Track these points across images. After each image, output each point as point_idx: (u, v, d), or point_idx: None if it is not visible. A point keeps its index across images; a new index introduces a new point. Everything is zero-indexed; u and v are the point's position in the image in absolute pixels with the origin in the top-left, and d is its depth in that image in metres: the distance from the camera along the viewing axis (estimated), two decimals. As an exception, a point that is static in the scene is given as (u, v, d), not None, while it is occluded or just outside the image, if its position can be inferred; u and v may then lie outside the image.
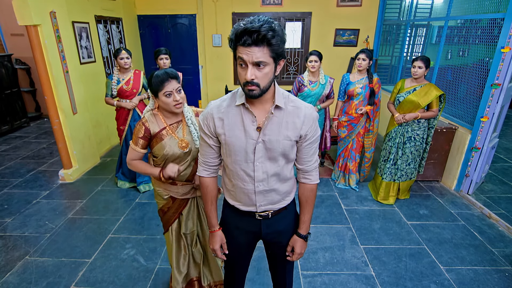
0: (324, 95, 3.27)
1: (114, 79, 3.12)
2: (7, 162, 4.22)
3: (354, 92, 3.21)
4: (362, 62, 3.16)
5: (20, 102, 5.62)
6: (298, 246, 1.39)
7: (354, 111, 3.28)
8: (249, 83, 1.06)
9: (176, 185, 1.73)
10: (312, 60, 3.17)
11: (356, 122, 3.34)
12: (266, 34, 0.99)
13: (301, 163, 1.31)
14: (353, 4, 5.36)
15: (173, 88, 1.52)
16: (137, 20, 5.70)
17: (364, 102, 3.25)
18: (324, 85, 3.25)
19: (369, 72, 3.21)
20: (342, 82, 3.32)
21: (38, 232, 2.79)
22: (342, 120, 3.39)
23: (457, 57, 3.63)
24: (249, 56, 1.02)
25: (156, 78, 1.51)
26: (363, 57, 3.11)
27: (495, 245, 2.64)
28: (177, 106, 1.56)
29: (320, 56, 3.19)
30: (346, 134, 3.43)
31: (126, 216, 3.04)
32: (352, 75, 3.30)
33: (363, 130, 3.38)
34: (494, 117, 3.04)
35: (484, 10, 3.16)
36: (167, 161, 1.66)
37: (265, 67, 1.05)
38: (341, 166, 3.61)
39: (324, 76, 3.31)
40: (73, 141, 3.71)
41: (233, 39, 1.03)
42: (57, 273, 2.32)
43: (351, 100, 3.28)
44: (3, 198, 3.34)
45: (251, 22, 1.00)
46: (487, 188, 3.54)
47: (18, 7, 3.00)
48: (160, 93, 1.52)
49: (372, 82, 3.17)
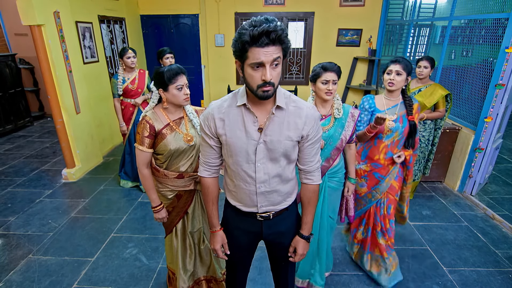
0: (344, 138, 1.83)
1: (119, 79, 3.13)
2: (11, 161, 4.25)
3: (385, 127, 1.98)
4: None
5: (23, 101, 5.66)
6: (301, 247, 1.38)
7: (383, 156, 2.05)
8: (266, 84, 1.05)
9: (184, 178, 1.73)
10: (328, 80, 1.71)
11: (384, 172, 2.07)
12: (282, 33, 1.00)
13: (303, 164, 1.30)
14: (356, 4, 5.34)
15: (184, 82, 1.60)
16: (140, 20, 5.71)
17: (400, 143, 2.04)
18: (343, 122, 1.84)
19: (405, 96, 2.00)
20: (363, 108, 2.07)
21: (41, 231, 2.81)
22: (361, 168, 2.15)
23: (461, 57, 3.61)
24: (267, 56, 1.02)
25: (170, 71, 1.56)
26: (397, 68, 1.92)
27: (498, 247, 2.62)
28: (186, 99, 1.63)
29: (340, 73, 1.78)
30: (366, 190, 2.16)
31: (129, 216, 3.05)
32: (378, 98, 2.07)
33: (398, 183, 2.11)
34: (498, 118, 3.02)
35: (488, 10, 3.14)
36: (171, 158, 1.68)
37: (278, 66, 1.07)
38: (359, 239, 2.35)
39: (343, 106, 1.87)
40: (76, 141, 3.73)
41: (249, 41, 1.00)
42: (60, 272, 2.33)
43: (378, 139, 2.05)
44: (6, 196, 3.37)
45: (264, 23, 0.99)
46: (491, 189, 3.52)
47: (22, 7, 3.02)
48: (171, 86, 1.57)
49: (412, 111, 1.97)
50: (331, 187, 1.91)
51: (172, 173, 1.71)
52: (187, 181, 1.75)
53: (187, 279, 1.92)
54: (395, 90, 1.98)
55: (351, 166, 2.00)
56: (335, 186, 1.92)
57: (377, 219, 2.16)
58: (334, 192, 1.94)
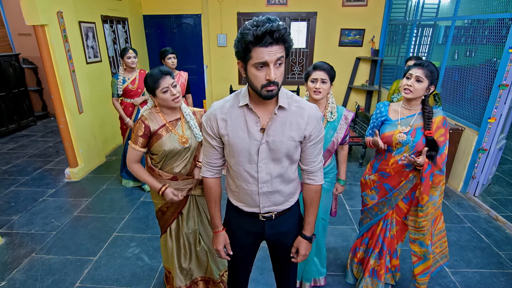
0: (336, 141, 1.82)
1: (120, 79, 3.14)
2: (14, 160, 4.28)
3: (393, 139, 1.75)
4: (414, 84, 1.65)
5: (27, 101, 5.69)
6: (303, 247, 1.38)
7: (392, 166, 1.83)
8: (271, 84, 1.06)
9: (177, 180, 1.74)
10: (316, 78, 1.69)
11: (394, 183, 1.85)
12: (285, 33, 1.01)
13: (305, 164, 1.30)
14: (358, 4, 5.33)
15: (169, 83, 1.58)
16: (142, 20, 5.73)
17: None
18: (335, 124, 1.82)
19: (426, 106, 1.71)
20: (375, 116, 1.88)
21: (44, 229, 2.82)
22: (370, 179, 1.95)
23: (464, 58, 3.59)
24: (271, 56, 1.02)
25: (151, 77, 1.57)
26: (418, 74, 1.63)
27: (502, 248, 2.60)
28: (175, 100, 1.61)
29: (332, 73, 1.72)
30: (376, 201, 1.95)
31: (131, 215, 3.06)
32: (395, 106, 1.84)
33: (406, 206, 1.88)
34: (501, 118, 3.01)
35: (492, 10, 3.12)
36: (166, 158, 1.69)
37: (281, 65, 1.07)
38: (359, 257, 2.17)
39: (337, 107, 1.84)
40: (79, 140, 3.75)
41: (252, 41, 1.00)
42: (62, 271, 2.35)
43: (388, 152, 1.82)
44: (10, 195, 3.39)
45: (267, 23, 0.99)
46: (494, 190, 3.50)
47: (26, 7, 3.04)
48: (157, 90, 1.58)
49: (430, 125, 1.68)
50: (324, 188, 1.86)
51: (166, 174, 1.72)
52: (180, 185, 1.76)
53: (184, 278, 1.93)
54: (413, 99, 1.70)
55: (342, 167, 2.00)
56: (327, 187, 1.92)
57: (379, 240, 2.00)
58: (326, 193, 1.93)
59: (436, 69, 1.65)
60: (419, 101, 1.73)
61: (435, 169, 1.72)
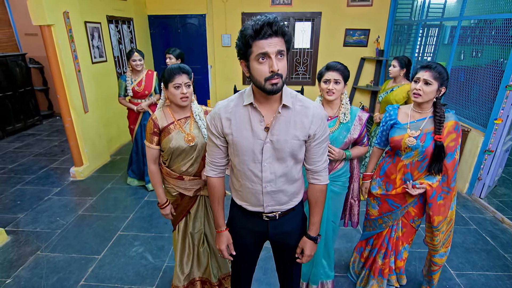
0: (348, 141, 1.79)
1: (128, 81, 3.16)
2: (20, 159, 4.32)
3: (402, 143, 1.70)
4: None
5: (33, 100, 5.74)
6: (308, 248, 1.38)
7: (400, 176, 1.78)
8: (274, 76, 1.06)
9: (184, 179, 1.76)
10: (329, 79, 1.68)
11: (400, 201, 1.82)
12: (283, 25, 1.04)
13: (310, 163, 1.30)
14: (363, 4, 5.30)
15: (183, 81, 1.60)
16: (147, 20, 5.75)
17: (422, 165, 1.72)
18: (349, 125, 1.78)
19: (437, 110, 1.66)
20: (384, 119, 1.84)
21: (50, 228, 2.84)
22: (376, 192, 1.89)
23: (470, 58, 3.56)
24: (272, 47, 1.04)
25: (169, 70, 1.61)
26: (426, 77, 1.60)
27: (507, 250, 2.58)
28: (183, 99, 1.63)
29: (345, 73, 1.71)
30: (377, 214, 1.94)
31: (135, 214, 3.07)
32: (405, 109, 1.80)
33: (415, 209, 1.86)
34: (508, 120, 2.97)
35: (499, 10, 3.09)
36: (173, 156, 1.71)
37: (284, 57, 1.08)
38: (366, 259, 2.14)
39: (351, 109, 1.81)
40: (84, 139, 3.77)
41: (252, 34, 1.03)
42: (67, 269, 2.36)
43: (397, 156, 1.79)
44: (16, 194, 3.42)
45: (264, 17, 1.03)
46: (500, 192, 3.46)
47: (33, 7, 3.07)
48: (170, 84, 1.60)
49: (440, 130, 1.63)
50: (334, 191, 1.86)
51: (174, 173, 1.74)
52: (187, 185, 1.77)
53: (183, 280, 1.94)
54: (423, 102, 1.66)
55: (355, 148, 1.85)
56: (338, 190, 1.88)
57: (385, 240, 1.97)
58: (337, 196, 1.90)
59: (445, 70, 1.61)
60: (430, 104, 1.68)
61: (440, 190, 1.70)
